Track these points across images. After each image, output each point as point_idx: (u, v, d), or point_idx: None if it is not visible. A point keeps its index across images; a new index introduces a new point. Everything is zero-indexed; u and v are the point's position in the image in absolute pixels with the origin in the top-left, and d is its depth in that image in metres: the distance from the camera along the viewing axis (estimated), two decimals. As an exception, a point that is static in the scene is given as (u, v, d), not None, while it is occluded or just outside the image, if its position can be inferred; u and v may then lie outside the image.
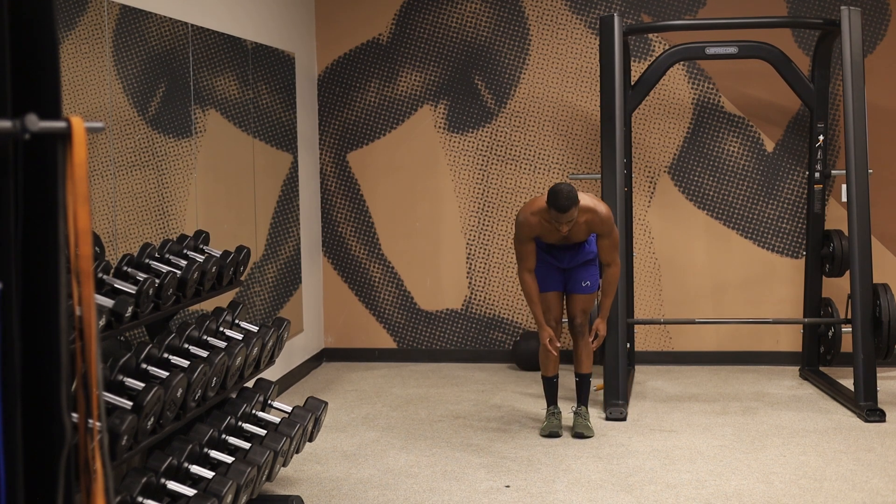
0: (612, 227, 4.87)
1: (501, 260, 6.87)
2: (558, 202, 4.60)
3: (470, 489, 4.30)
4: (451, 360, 6.93)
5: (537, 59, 6.74)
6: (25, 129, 1.40)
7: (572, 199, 4.61)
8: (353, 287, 7.02)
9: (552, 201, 4.62)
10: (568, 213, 4.63)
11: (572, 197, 4.61)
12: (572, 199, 4.61)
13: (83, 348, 1.50)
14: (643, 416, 5.42)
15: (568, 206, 4.60)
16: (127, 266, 3.64)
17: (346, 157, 6.95)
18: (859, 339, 5.46)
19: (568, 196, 4.60)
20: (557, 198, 4.61)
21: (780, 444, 4.89)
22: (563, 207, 4.60)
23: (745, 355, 6.72)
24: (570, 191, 4.62)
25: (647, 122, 6.69)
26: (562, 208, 4.61)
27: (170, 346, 3.54)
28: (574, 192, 4.62)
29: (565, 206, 4.60)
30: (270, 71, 5.87)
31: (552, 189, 4.65)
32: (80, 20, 3.77)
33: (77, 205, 1.46)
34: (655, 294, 6.77)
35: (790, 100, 6.51)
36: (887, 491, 4.22)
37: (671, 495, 4.19)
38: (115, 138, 4.03)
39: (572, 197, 4.61)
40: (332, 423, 5.35)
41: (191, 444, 3.38)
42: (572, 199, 4.61)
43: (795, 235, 6.66)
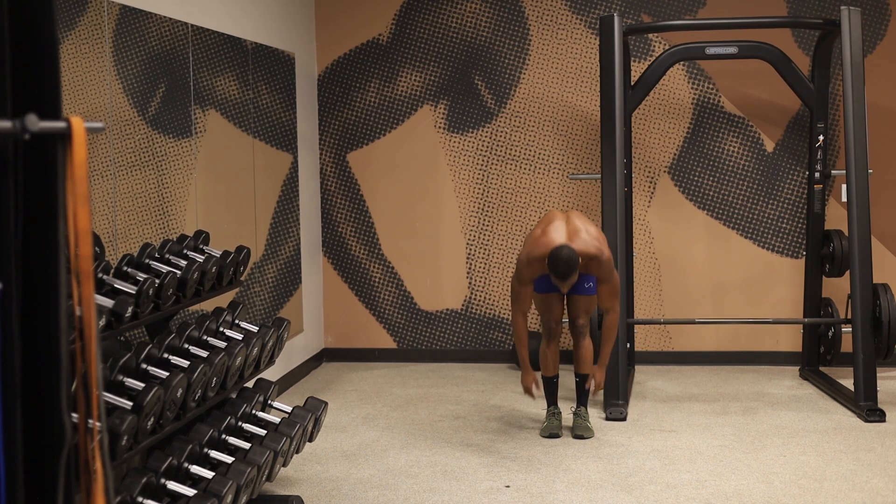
0: (613, 271, 4.76)
1: (501, 260, 6.88)
2: (558, 268, 4.54)
3: (470, 489, 4.30)
4: (451, 360, 6.93)
5: (537, 59, 6.75)
6: (25, 129, 1.40)
7: (573, 265, 4.53)
8: (353, 287, 7.02)
9: (552, 266, 4.56)
10: (568, 279, 4.58)
11: (573, 263, 4.53)
12: (573, 266, 4.53)
13: (83, 348, 1.50)
14: (643, 416, 5.42)
15: (568, 273, 4.55)
16: (127, 266, 3.64)
17: (346, 157, 6.95)
18: (859, 339, 5.46)
19: (568, 262, 4.52)
20: (557, 264, 4.54)
21: (780, 444, 4.89)
22: (564, 275, 4.56)
23: (745, 355, 6.72)
24: (570, 256, 4.53)
25: (647, 122, 6.69)
26: (562, 275, 4.56)
27: (170, 346, 3.54)
28: (575, 258, 4.54)
29: (565, 273, 4.55)
30: (270, 71, 5.87)
31: (553, 253, 4.56)
32: (80, 20, 3.77)
33: (77, 205, 1.46)
34: (655, 294, 6.77)
35: (790, 100, 6.51)
36: (887, 491, 4.22)
37: (671, 495, 4.19)
38: (115, 138, 4.03)
39: (573, 263, 4.53)
40: (332, 423, 5.35)
41: (191, 444, 3.38)
42: (573, 266, 4.53)
43: (795, 235, 6.66)
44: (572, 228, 4.75)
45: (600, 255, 4.67)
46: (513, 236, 6.85)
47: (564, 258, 4.51)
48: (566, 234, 4.72)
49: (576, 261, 4.53)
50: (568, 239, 4.67)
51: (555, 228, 4.76)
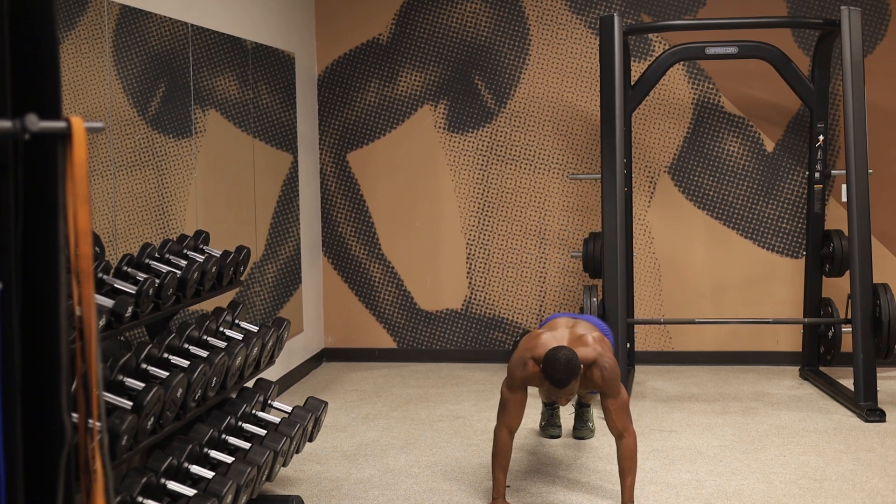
0: (619, 385, 3.99)
1: (501, 260, 6.87)
2: (554, 374, 3.78)
3: (470, 489, 4.30)
4: (451, 360, 6.93)
5: (537, 59, 6.74)
6: (25, 129, 1.40)
7: (572, 370, 3.78)
8: (353, 287, 7.02)
9: (547, 371, 3.80)
10: (566, 387, 3.82)
11: (572, 368, 3.78)
12: (572, 371, 3.78)
13: (83, 348, 1.50)
14: (643, 416, 5.42)
15: (566, 380, 3.79)
16: (127, 266, 3.64)
17: (346, 157, 6.95)
18: (859, 339, 5.46)
19: (567, 367, 3.77)
20: (554, 368, 3.78)
21: (780, 444, 4.89)
22: (561, 381, 3.79)
23: (745, 355, 6.72)
24: (569, 360, 3.78)
25: (647, 122, 6.69)
26: (558, 382, 3.80)
27: (170, 346, 3.54)
28: (575, 362, 3.79)
29: (563, 380, 3.79)
30: (270, 71, 5.87)
31: (548, 355, 3.81)
32: (80, 20, 3.77)
33: (77, 205, 1.46)
34: (655, 294, 6.77)
35: (790, 100, 6.51)
36: (887, 491, 4.21)
37: (671, 495, 4.19)
38: (115, 138, 4.03)
39: (572, 368, 3.78)
40: (332, 423, 5.35)
41: (191, 444, 3.38)
42: (572, 371, 3.78)
43: (795, 235, 6.66)
44: (574, 334, 4.09)
45: (603, 361, 3.95)
46: (513, 236, 6.85)
47: (562, 360, 3.77)
48: (568, 338, 4.05)
49: (576, 365, 3.79)
50: (569, 342, 4.00)
51: (555, 330, 4.13)
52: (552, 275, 6.85)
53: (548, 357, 3.80)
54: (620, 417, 3.95)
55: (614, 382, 3.95)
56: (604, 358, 3.94)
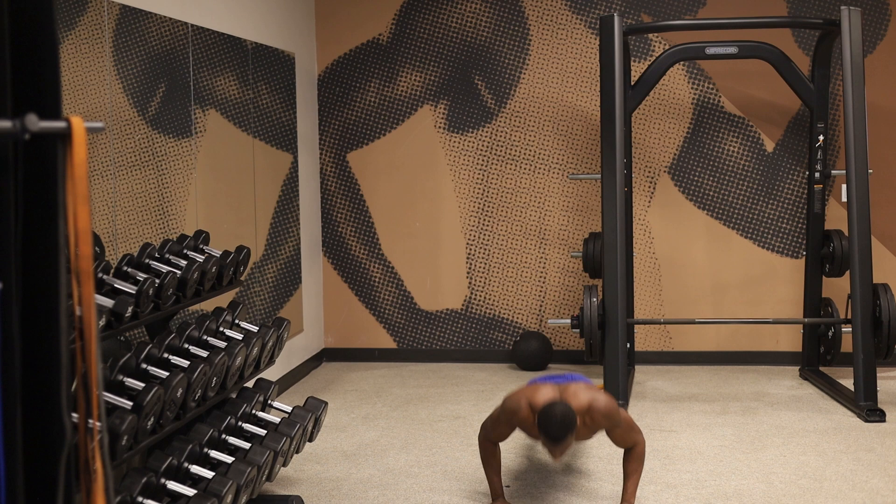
0: (618, 415, 3.86)
1: (501, 260, 6.87)
2: (549, 429, 3.63)
3: (470, 489, 4.30)
4: (451, 360, 6.93)
5: (537, 59, 6.74)
6: (25, 129, 1.40)
7: (568, 426, 3.62)
8: (353, 287, 7.02)
9: (543, 426, 3.64)
10: (562, 443, 3.67)
11: (568, 423, 3.61)
12: (568, 427, 3.62)
13: (83, 348, 1.50)
14: (643, 416, 5.42)
15: (562, 436, 3.63)
16: (127, 266, 3.64)
17: (346, 157, 6.95)
18: (859, 339, 5.45)
19: (563, 423, 3.61)
20: (549, 424, 3.62)
21: (780, 444, 4.89)
22: (556, 437, 3.64)
23: (745, 355, 6.72)
24: (565, 415, 3.61)
25: (647, 122, 6.69)
26: (554, 438, 3.65)
27: (170, 346, 3.54)
28: (571, 417, 3.62)
29: (558, 436, 3.64)
30: (270, 71, 5.87)
31: (543, 410, 3.65)
32: (80, 20, 3.77)
33: (77, 205, 1.46)
34: (655, 294, 6.77)
35: (790, 100, 6.51)
36: (887, 491, 4.21)
37: (671, 495, 4.19)
38: (115, 138, 4.03)
39: (568, 423, 3.61)
40: (332, 423, 5.35)
41: (191, 444, 3.38)
42: (568, 427, 3.62)
43: (795, 235, 6.66)
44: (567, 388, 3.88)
45: (594, 401, 3.80)
46: (513, 236, 6.85)
47: (559, 415, 3.62)
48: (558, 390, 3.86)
49: (572, 419, 3.63)
50: (561, 394, 3.82)
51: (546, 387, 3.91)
52: (552, 275, 6.85)
53: (543, 412, 3.65)
54: (627, 437, 3.89)
55: (614, 417, 3.84)
56: (596, 399, 3.81)
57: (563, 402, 3.67)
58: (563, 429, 3.61)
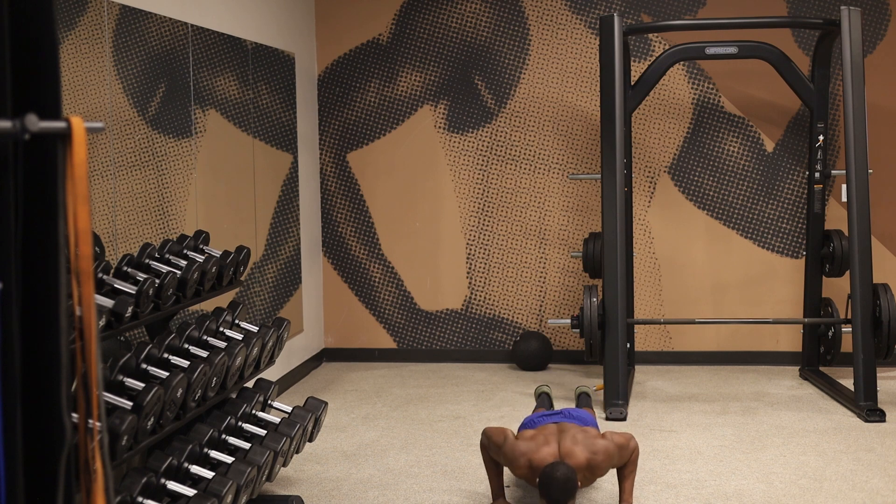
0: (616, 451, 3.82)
1: (501, 260, 6.87)
2: (550, 493, 3.57)
3: (470, 489, 4.30)
4: (451, 360, 6.93)
5: (537, 59, 6.74)
6: (25, 129, 1.40)
7: (569, 490, 3.56)
8: (353, 287, 7.02)
9: (544, 490, 3.58)
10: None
11: (570, 488, 3.55)
12: (569, 492, 3.56)
13: (83, 348, 1.50)
14: (643, 416, 5.42)
15: (564, 499, 3.57)
16: (127, 266, 3.64)
17: (346, 157, 6.95)
18: (859, 339, 5.45)
19: (565, 487, 3.55)
20: (550, 488, 3.56)
21: (780, 444, 4.89)
22: (557, 499, 3.58)
23: (745, 355, 6.72)
24: (567, 479, 3.55)
25: (647, 122, 6.69)
26: (555, 500, 3.58)
27: (170, 346, 3.54)
28: (573, 481, 3.56)
29: (559, 498, 3.57)
30: (270, 71, 5.87)
31: (545, 473, 3.59)
32: (80, 20, 3.77)
33: (77, 205, 1.46)
34: (655, 294, 6.77)
35: (790, 100, 6.51)
36: (887, 491, 4.21)
37: (671, 495, 4.19)
38: (115, 138, 4.03)
39: (570, 488, 3.55)
40: (332, 423, 5.35)
41: (191, 444, 3.38)
42: (569, 492, 3.56)
43: (795, 235, 6.66)
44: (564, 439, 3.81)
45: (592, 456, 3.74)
46: (513, 236, 6.85)
47: (560, 479, 3.55)
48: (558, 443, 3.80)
49: (574, 483, 3.57)
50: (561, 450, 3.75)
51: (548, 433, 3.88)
52: (552, 275, 6.85)
53: (545, 474, 3.59)
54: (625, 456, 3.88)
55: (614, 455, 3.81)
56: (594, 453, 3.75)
57: (565, 465, 3.61)
58: (564, 493, 3.56)
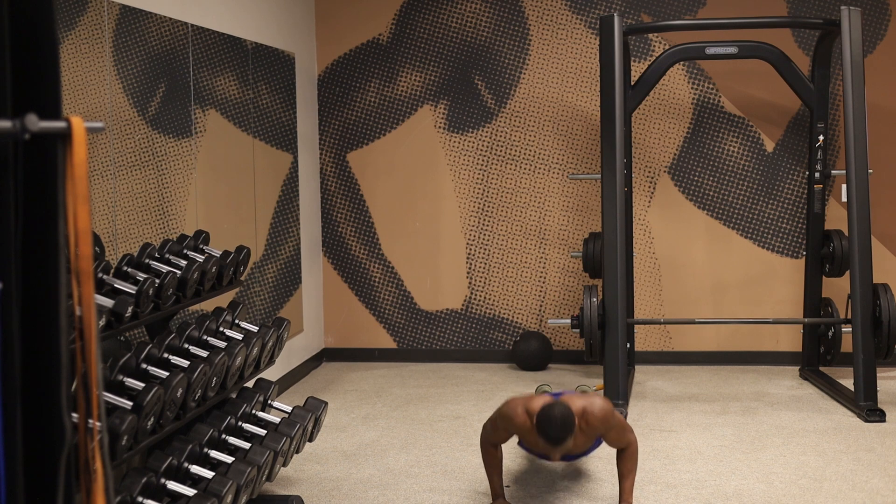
0: (613, 418, 3.87)
1: (501, 260, 6.87)
2: (549, 431, 3.62)
3: (470, 489, 4.30)
4: (451, 360, 6.93)
5: (537, 59, 6.74)
6: (25, 129, 1.40)
7: (568, 427, 3.61)
8: (353, 287, 7.02)
9: (542, 429, 3.63)
10: (561, 445, 3.66)
11: (568, 424, 3.61)
12: (568, 428, 3.61)
13: (83, 348, 1.50)
14: (643, 416, 5.42)
15: (562, 438, 3.63)
16: (127, 266, 3.64)
17: (346, 157, 6.95)
18: (859, 339, 5.45)
19: (563, 424, 3.60)
20: (549, 426, 3.61)
21: (780, 444, 4.89)
22: (556, 439, 3.63)
23: (745, 355, 6.72)
24: (565, 417, 3.61)
25: (647, 122, 6.69)
26: (554, 440, 3.63)
27: (170, 346, 3.54)
28: (571, 418, 3.62)
29: (558, 438, 3.63)
30: (270, 71, 5.87)
31: (542, 411, 3.65)
32: (80, 20, 3.77)
33: (77, 205, 1.46)
34: (655, 294, 6.77)
35: (790, 100, 6.51)
36: (887, 491, 4.21)
37: (671, 495, 4.19)
38: (115, 138, 4.03)
39: (568, 424, 3.61)
40: (332, 423, 5.35)
41: (191, 444, 3.38)
42: (568, 428, 3.61)
43: (795, 235, 6.66)
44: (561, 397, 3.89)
45: (589, 405, 3.79)
46: (513, 236, 6.85)
47: (558, 418, 3.61)
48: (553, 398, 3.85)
49: (572, 420, 3.62)
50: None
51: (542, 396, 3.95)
52: (552, 275, 6.85)
53: (542, 413, 3.64)
54: (621, 439, 3.92)
55: (611, 419, 3.84)
56: (593, 403, 3.81)
57: (562, 403, 3.66)
58: (562, 430, 3.60)
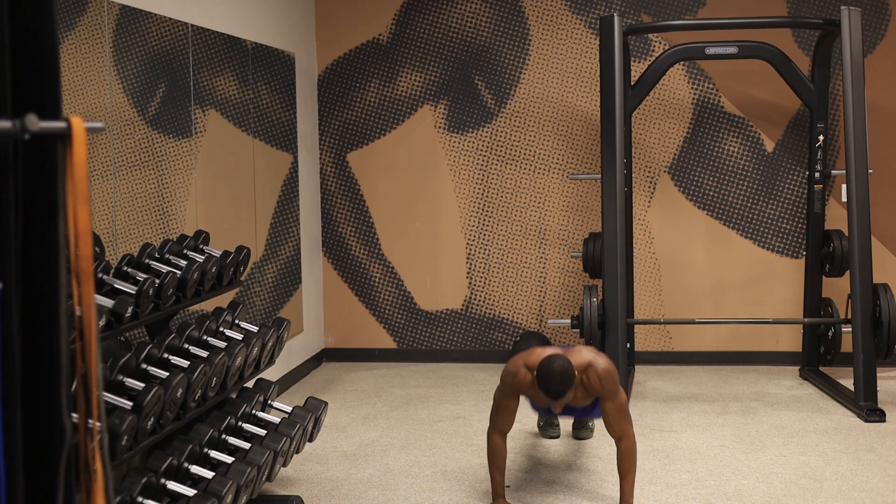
0: (617, 387, 3.92)
1: (501, 260, 6.87)
2: (548, 385, 3.71)
3: (470, 489, 4.30)
4: (451, 360, 6.93)
5: (537, 59, 6.74)
6: (25, 129, 1.40)
7: (567, 380, 3.71)
8: (353, 287, 7.02)
9: (542, 382, 3.72)
10: (562, 397, 3.74)
11: (567, 378, 3.70)
12: (567, 382, 3.71)
13: (83, 348, 1.50)
14: (643, 416, 5.42)
15: (562, 391, 3.72)
16: (127, 266, 3.64)
17: (346, 157, 6.95)
18: (859, 339, 5.45)
19: (562, 378, 3.70)
20: (548, 379, 3.70)
21: (780, 444, 4.89)
22: (557, 392, 3.72)
23: (745, 355, 6.72)
24: (564, 370, 3.70)
25: (647, 122, 6.69)
26: (554, 393, 3.72)
27: (170, 346, 3.54)
28: (570, 371, 3.72)
29: (558, 392, 3.72)
30: (270, 71, 5.87)
31: (542, 365, 3.74)
32: (80, 20, 3.77)
33: (77, 205, 1.46)
34: (655, 294, 6.77)
35: (790, 100, 6.51)
36: (887, 491, 4.21)
37: (671, 495, 4.19)
38: (115, 138, 4.03)
39: (567, 378, 3.70)
40: (332, 423, 5.35)
41: (191, 444, 3.38)
42: (567, 382, 3.71)
43: (795, 235, 6.66)
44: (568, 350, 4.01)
45: (596, 364, 3.87)
46: (513, 236, 6.85)
47: (557, 370, 3.70)
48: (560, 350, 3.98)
49: (571, 374, 3.72)
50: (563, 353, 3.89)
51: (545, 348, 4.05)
52: (552, 275, 6.85)
53: (542, 366, 3.72)
54: (619, 421, 3.90)
55: (611, 384, 3.86)
56: (598, 360, 3.87)
57: (563, 357, 3.73)
58: (562, 383, 3.67)
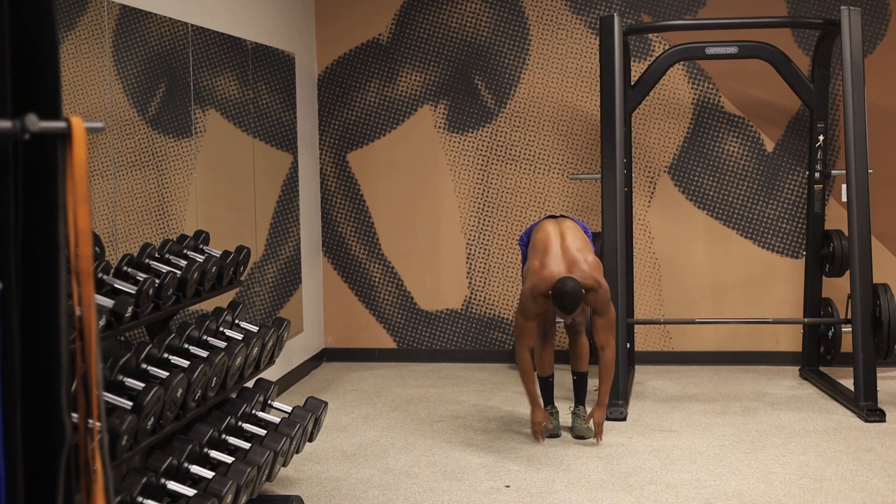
0: (609, 304, 4.73)
1: (501, 260, 6.87)
2: (564, 303, 4.51)
3: (470, 489, 4.30)
4: (451, 360, 6.93)
5: (537, 59, 6.74)
6: (25, 129, 1.40)
7: (577, 299, 4.51)
8: (353, 287, 7.02)
9: (557, 301, 4.53)
10: (574, 312, 4.58)
11: (577, 297, 4.50)
12: (578, 299, 4.51)
13: (83, 348, 1.50)
14: (643, 416, 5.42)
15: (574, 307, 4.53)
16: (127, 266, 3.64)
17: (346, 157, 6.95)
18: (859, 339, 5.45)
19: (574, 297, 4.49)
20: (563, 299, 4.50)
21: (780, 444, 4.89)
22: (570, 309, 4.53)
23: (745, 355, 6.72)
24: (575, 290, 4.49)
25: (647, 122, 6.69)
26: (568, 309, 4.54)
27: (170, 346, 3.54)
28: (579, 291, 4.51)
29: (571, 308, 4.53)
30: (270, 71, 5.87)
31: (556, 287, 4.51)
32: (80, 20, 3.77)
33: (77, 205, 1.46)
34: (655, 294, 6.77)
35: (790, 100, 6.51)
36: (887, 491, 4.22)
37: (671, 495, 4.19)
38: (115, 138, 4.03)
39: (577, 297, 4.50)
40: (332, 423, 5.35)
41: (191, 444, 3.38)
42: (578, 299, 4.51)
43: (795, 235, 6.66)
44: (570, 257, 4.70)
45: (598, 287, 4.63)
46: (513, 236, 6.85)
47: (570, 292, 4.48)
48: (565, 263, 4.67)
49: (580, 294, 4.51)
50: (568, 269, 4.63)
51: (553, 257, 4.70)
52: (552, 275, 6.84)
53: (556, 291, 4.49)
54: (605, 333, 4.72)
55: (606, 303, 4.66)
56: (599, 284, 4.62)
57: (572, 280, 4.50)
58: (574, 302, 4.49)
